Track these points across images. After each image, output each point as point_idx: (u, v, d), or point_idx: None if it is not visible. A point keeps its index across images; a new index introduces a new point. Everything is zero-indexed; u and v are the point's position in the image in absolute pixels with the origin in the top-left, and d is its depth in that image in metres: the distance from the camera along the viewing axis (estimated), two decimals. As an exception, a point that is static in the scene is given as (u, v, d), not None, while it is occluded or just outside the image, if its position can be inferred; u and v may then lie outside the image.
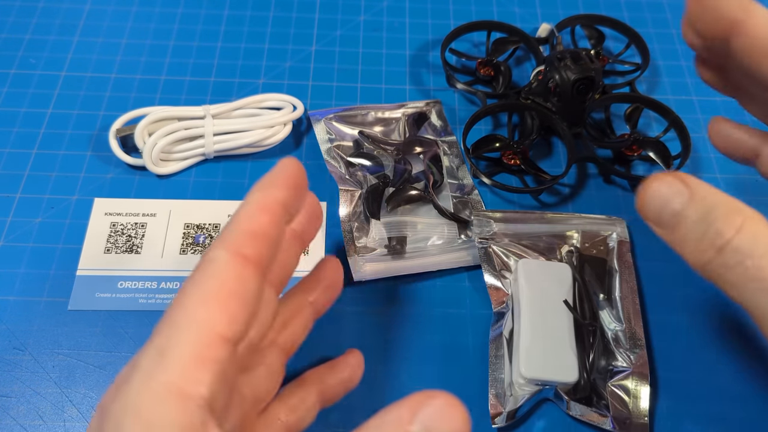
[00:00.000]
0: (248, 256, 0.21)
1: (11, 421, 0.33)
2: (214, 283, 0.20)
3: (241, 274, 0.21)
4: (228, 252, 0.21)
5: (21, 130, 0.43)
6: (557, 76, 0.41)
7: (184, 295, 0.21)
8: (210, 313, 0.20)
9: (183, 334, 0.19)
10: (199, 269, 0.21)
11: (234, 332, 0.20)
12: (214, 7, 0.51)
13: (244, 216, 0.22)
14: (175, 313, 0.20)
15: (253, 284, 0.21)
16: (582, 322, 0.35)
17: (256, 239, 0.21)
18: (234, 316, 0.20)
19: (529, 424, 0.34)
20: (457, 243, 0.39)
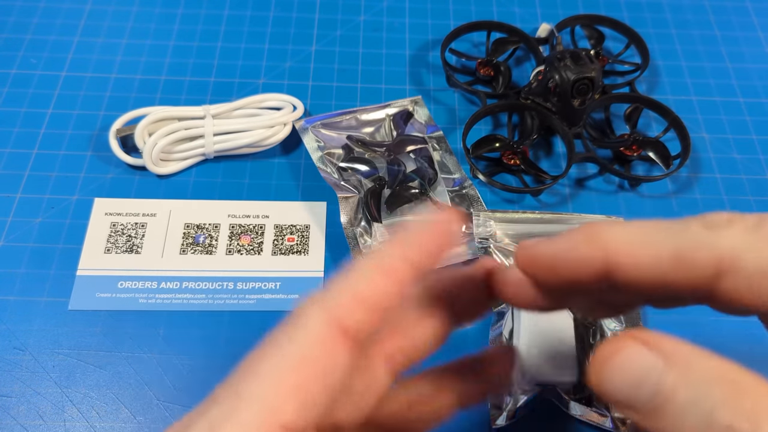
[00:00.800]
0: (349, 327, 0.17)
1: (11, 420, 0.33)
2: (296, 355, 0.17)
3: (332, 350, 0.17)
4: (325, 316, 0.17)
5: (21, 130, 0.43)
6: (557, 76, 0.41)
7: (260, 358, 0.17)
8: (279, 396, 0.16)
9: (242, 415, 0.16)
10: (286, 327, 0.18)
11: (302, 423, 0.16)
12: (214, 7, 0.51)
13: (361, 274, 0.18)
14: (243, 379, 0.17)
15: (344, 363, 0.17)
16: (582, 322, 0.35)
17: (365, 309, 0.17)
18: (308, 403, 0.16)
19: (529, 424, 0.34)
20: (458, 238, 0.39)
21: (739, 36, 0.51)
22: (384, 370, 0.21)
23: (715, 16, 0.52)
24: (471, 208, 0.40)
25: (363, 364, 0.21)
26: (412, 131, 0.43)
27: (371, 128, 0.43)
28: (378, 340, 0.21)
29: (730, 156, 0.44)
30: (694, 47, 0.50)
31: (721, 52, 0.50)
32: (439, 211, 0.20)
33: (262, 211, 0.40)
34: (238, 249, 0.39)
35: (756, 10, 0.53)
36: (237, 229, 0.40)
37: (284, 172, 0.42)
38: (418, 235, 0.19)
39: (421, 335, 0.22)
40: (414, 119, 0.44)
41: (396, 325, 0.22)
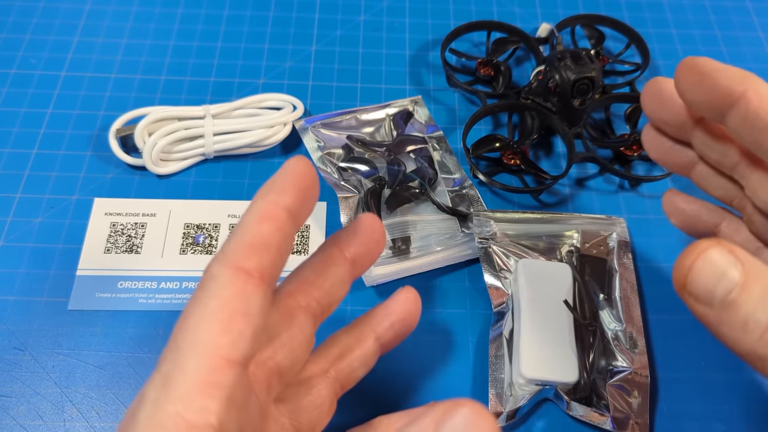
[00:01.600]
0: (250, 270, 0.20)
1: (11, 421, 0.33)
2: (216, 303, 0.20)
3: (243, 290, 0.20)
4: (228, 267, 0.20)
5: (21, 130, 0.43)
6: (557, 76, 0.41)
7: (187, 316, 0.20)
8: (213, 335, 0.19)
9: (187, 360, 0.19)
10: (200, 287, 0.20)
11: (240, 353, 0.19)
12: (214, 7, 0.51)
13: (244, 227, 0.21)
14: (179, 336, 0.20)
15: (257, 299, 0.20)
16: (582, 322, 0.35)
17: (257, 251, 0.20)
18: (239, 335, 0.19)
19: (529, 424, 0.34)
20: (458, 237, 0.39)
21: (739, 36, 0.51)
22: (305, 318, 0.25)
23: (715, 16, 0.52)
24: (471, 208, 0.40)
25: (286, 316, 0.25)
26: (412, 131, 0.43)
27: (371, 128, 0.43)
28: (292, 293, 0.25)
29: (730, 156, 0.44)
30: (695, 47, 0.50)
31: (721, 52, 0.50)
32: (293, 159, 0.22)
33: (262, 211, 0.40)
34: (238, 249, 0.39)
35: (756, 10, 0.53)
36: (237, 229, 0.39)
37: (284, 172, 0.42)
38: (284, 182, 0.22)
39: (329, 284, 0.26)
40: (414, 119, 0.44)
41: (305, 279, 0.26)
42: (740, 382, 0.35)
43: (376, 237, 0.27)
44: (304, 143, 0.42)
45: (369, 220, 0.27)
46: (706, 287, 0.20)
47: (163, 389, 0.18)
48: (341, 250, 0.26)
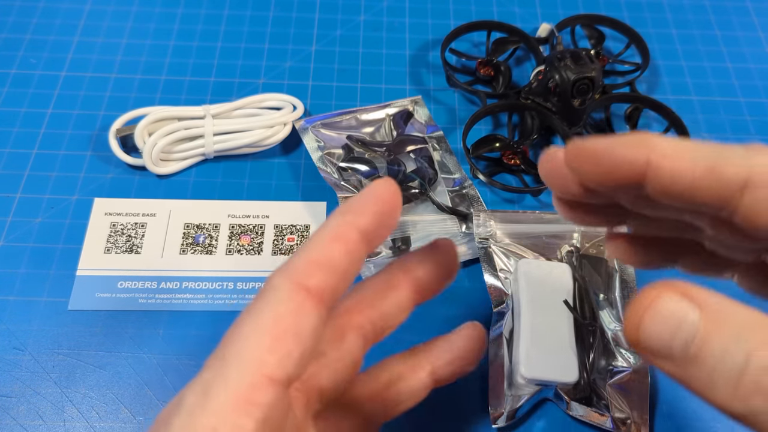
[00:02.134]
0: (311, 288, 0.19)
1: (11, 421, 0.33)
2: (269, 316, 0.19)
3: (300, 308, 0.19)
4: (290, 281, 0.20)
5: (21, 130, 0.43)
6: (557, 76, 0.41)
7: (240, 325, 0.19)
8: (260, 351, 0.18)
9: (230, 372, 0.18)
10: (259, 296, 0.20)
11: (284, 373, 0.19)
12: (214, 7, 0.51)
13: (314, 242, 0.20)
14: (227, 344, 0.19)
15: (312, 319, 0.19)
16: (582, 322, 0.35)
17: (322, 270, 0.20)
18: (286, 355, 0.19)
19: (529, 424, 0.34)
20: (458, 237, 0.39)
21: (739, 36, 0.51)
22: (355, 339, 0.24)
23: (715, 15, 0.52)
24: (471, 208, 0.40)
25: (336, 335, 0.24)
26: (412, 131, 0.43)
27: (371, 128, 0.43)
28: (347, 311, 0.24)
29: (730, 156, 0.44)
30: (695, 47, 0.50)
31: (721, 52, 0.50)
32: (380, 181, 0.22)
33: (262, 211, 0.40)
34: (238, 249, 0.39)
35: (756, 10, 0.53)
36: (237, 229, 0.40)
37: (284, 172, 0.42)
38: (364, 204, 0.21)
39: (386, 307, 0.25)
40: (414, 119, 0.44)
41: (363, 298, 0.25)
42: (740, 382, 0.35)
43: (449, 264, 0.25)
44: (304, 143, 0.42)
45: (444, 245, 0.25)
46: (661, 342, 0.17)
47: (202, 398, 0.18)
48: (405, 274, 0.25)
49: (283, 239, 0.39)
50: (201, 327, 0.36)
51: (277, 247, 0.39)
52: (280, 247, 0.39)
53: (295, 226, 0.40)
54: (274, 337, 0.19)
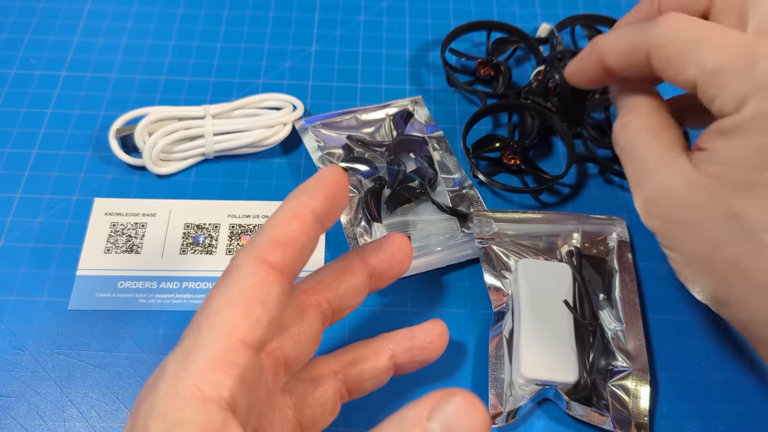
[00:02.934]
0: (273, 263, 0.22)
1: (11, 421, 0.33)
2: (238, 290, 0.21)
3: (264, 281, 0.21)
4: (253, 258, 0.22)
5: (21, 130, 0.43)
6: (557, 76, 0.41)
7: (210, 300, 0.21)
8: (232, 319, 0.20)
9: (206, 339, 0.20)
10: (225, 275, 0.22)
11: (255, 337, 0.21)
12: (214, 7, 0.51)
13: (273, 223, 0.23)
14: (201, 317, 0.21)
15: (276, 290, 0.22)
16: (582, 322, 0.35)
17: (281, 246, 0.22)
18: (256, 321, 0.21)
19: (529, 424, 0.34)
20: (458, 237, 0.39)
21: (739, 36, 0.51)
22: (314, 315, 0.27)
23: (715, 15, 0.52)
24: (471, 208, 0.40)
25: (297, 312, 0.26)
26: (412, 131, 0.43)
27: (371, 128, 0.43)
28: (306, 291, 0.27)
29: (730, 156, 0.44)
30: (695, 47, 0.50)
31: (721, 52, 0.50)
32: (328, 167, 0.24)
33: (262, 211, 0.40)
34: (238, 249, 0.39)
35: (756, 9, 0.53)
36: (237, 229, 0.40)
37: (284, 172, 0.42)
38: (316, 188, 0.23)
39: (343, 289, 0.27)
40: (414, 119, 0.44)
41: (322, 280, 0.28)
42: (740, 382, 0.35)
43: (401, 256, 0.29)
44: (304, 143, 0.42)
45: (398, 240, 0.29)
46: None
47: (183, 363, 0.20)
48: (361, 261, 0.28)
49: (283, 239, 0.39)
50: (201, 327, 0.36)
51: (277, 247, 0.39)
52: (280, 247, 0.39)
53: (295, 226, 0.40)
54: (244, 306, 0.21)
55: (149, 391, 0.20)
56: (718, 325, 0.37)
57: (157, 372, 0.21)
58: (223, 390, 0.19)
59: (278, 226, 0.22)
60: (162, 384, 0.20)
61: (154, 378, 0.21)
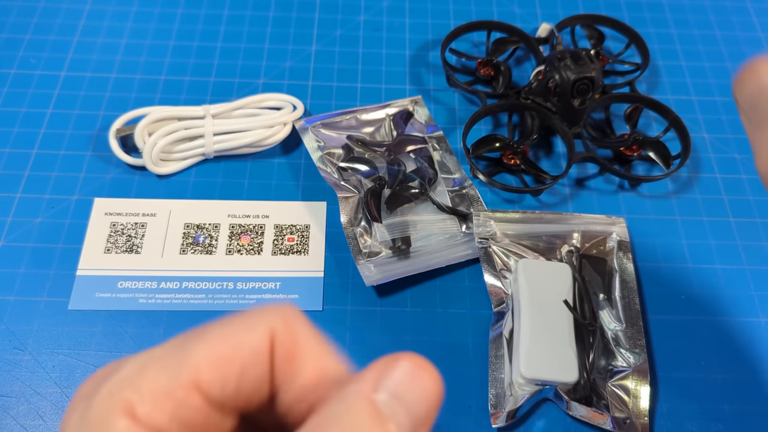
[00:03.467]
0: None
1: (11, 420, 0.33)
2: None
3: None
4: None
5: (21, 130, 0.43)
6: (557, 76, 0.41)
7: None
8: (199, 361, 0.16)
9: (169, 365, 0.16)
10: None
11: (214, 389, 0.16)
12: (214, 7, 0.51)
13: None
14: (187, 340, 0.17)
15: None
16: (582, 322, 0.35)
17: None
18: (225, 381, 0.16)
19: (529, 424, 0.34)
20: (458, 237, 0.39)
21: (739, 36, 0.51)
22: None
23: (715, 16, 0.52)
24: (471, 208, 0.40)
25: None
26: (412, 131, 0.43)
27: (371, 128, 0.43)
28: None
29: (730, 156, 0.44)
30: (695, 47, 0.50)
31: (721, 52, 0.50)
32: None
33: (262, 211, 0.40)
34: (238, 249, 0.39)
35: (756, 10, 0.53)
36: (237, 229, 0.40)
37: (284, 172, 0.42)
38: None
39: None
40: (414, 119, 0.44)
41: None
42: (740, 382, 0.35)
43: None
44: (304, 143, 0.42)
45: None
46: (748, 94, 0.23)
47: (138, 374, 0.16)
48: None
49: (283, 239, 0.39)
50: (201, 327, 0.36)
51: (277, 247, 0.39)
52: (280, 247, 0.39)
53: (295, 226, 0.40)
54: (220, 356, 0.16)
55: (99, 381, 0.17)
56: (718, 325, 0.37)
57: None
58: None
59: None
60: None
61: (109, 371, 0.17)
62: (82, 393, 0.17)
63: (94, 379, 0.17)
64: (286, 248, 0.39)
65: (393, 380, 0.15)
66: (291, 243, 0.39)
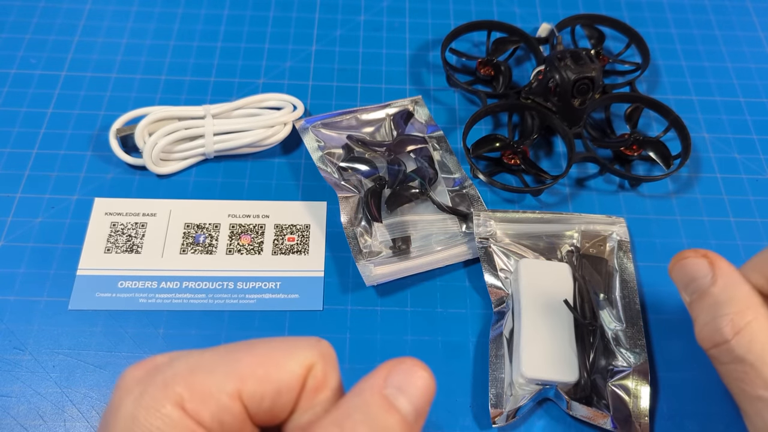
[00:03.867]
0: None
1: (11, 420, 0.33)
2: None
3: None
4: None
5: (21, 130, 0.43)
6: (557, 75, 0.41)
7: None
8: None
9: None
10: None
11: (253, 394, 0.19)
12: (214, 7, 0.51)
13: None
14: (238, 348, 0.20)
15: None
16: (582, 321, 0.35)
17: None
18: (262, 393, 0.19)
19: (529, 424, 0.34)
20: (459, 237, 0.39)
21: (739, 35, 0.51)
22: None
23: (715, 15, 0.52)
24: (471, 208, 0.40)
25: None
26: (412, 131, 0.43)
27: (371, 128, 0.43)
28: None
29: (730, 156, 0.44)
30: (695, 47, 0.50)
31: (721, 52, 0.50)
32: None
33: (262, 211, 0.40)
34: (238, 249, 0.39)
35: (756, 9, 0.53)
36: (237, 228, 0.40)
37: (284, 171, 0.42)
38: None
39: None
40: (414, 119, 0.44)
41: None
42: (740, 381, 0.35)
43: None
44: (305, 143, 0.42)
45: None
46: (681, 282, 0.27)
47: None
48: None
49: (283, 239, 0.39)
50: (201, 327, 0.36)
51: (278, 246, 0.39)
52: (281, 246, 0.39)
53: (295, 226, 0.40)
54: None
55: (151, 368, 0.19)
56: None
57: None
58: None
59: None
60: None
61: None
62: (134, 376, 0.19)
63: (145, 367, 0.20)
64: (286, 248, 0.39)
65: (398, 378, 0.19)
66: (291, 243, 0.39)
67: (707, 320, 0.25)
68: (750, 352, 0.24)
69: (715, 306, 0.25)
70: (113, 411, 0.19)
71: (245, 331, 0.36)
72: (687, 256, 0.27)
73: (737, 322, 0.24)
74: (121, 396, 0.19)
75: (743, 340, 0.24)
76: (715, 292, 0.25)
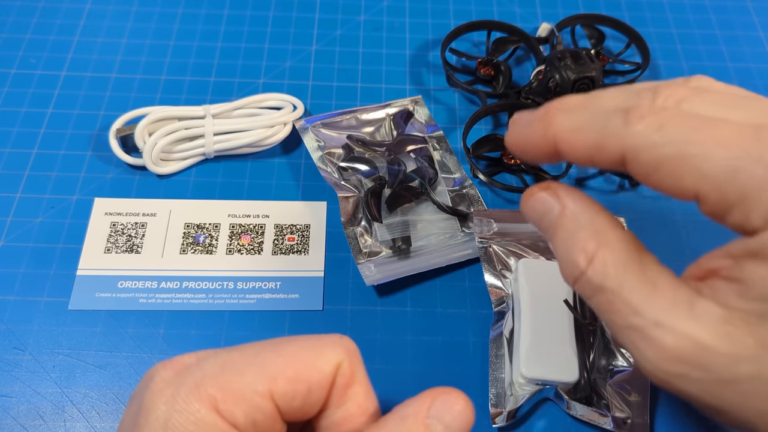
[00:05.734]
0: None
1: (11, 421, 0.33)
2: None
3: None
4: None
5: (21, 130, 0.43)
6: (557, 75, 0.41)
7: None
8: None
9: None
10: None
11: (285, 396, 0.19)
12: (214, 7, 0.51)
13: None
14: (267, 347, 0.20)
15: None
16: (582, 321, 0.35)
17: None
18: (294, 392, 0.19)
19: (529, 424, 0.34)
20: (458, 237, 0.39)
21: (739, 35, 0.51)
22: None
23: (715, 15, 0.52)
24: (471, 208, 0.40)
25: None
26: (413, 131, 0.43)
27: (371, 128, 0.43)
28: None
29: (730, 156, 0.44)
30: (695, 47, 0.50)
31: (721, 52, 0.50)
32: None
33: (262, 211, 0.40)
34: (238, 249, 0.39)
35: (756, 9, 0.53)
36: (237, 228, 0.40)
37: (284, 171, 0.42)
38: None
39: None
40: (414, 119, 0.44)
41: None
42: (740, 381, 0.35)
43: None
44: (305, 143, 0.42)
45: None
46: (534, 221, 0.24)
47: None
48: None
49: (283, 239, 0.39)
50: (201, 327, 0.36)
51: (278, 246, 0.39)
52: (281, 246, 0.39)
53: (295, 226, 0.40)
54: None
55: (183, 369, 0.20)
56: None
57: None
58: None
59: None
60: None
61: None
62: (163, 377, 0.20)
63: (174, 367, 0.20)
64: (286, 248, 0.39)
65: (440, 408, 0.20)
66: (291, 243, 0.39)
67: (563, 255, 0.23)
68: (607, 277, 0.21)
69: (568, 238, 0.23)
70: (144, 413, 0.19)
71: (245, 331, 0.36)
72: (532, 192, 0.24)
73: (588, 249, 0.22)
74: (153, 398, 0.19)
75: (597, 267, 0.22)
76: (565, 223, 0.23)
